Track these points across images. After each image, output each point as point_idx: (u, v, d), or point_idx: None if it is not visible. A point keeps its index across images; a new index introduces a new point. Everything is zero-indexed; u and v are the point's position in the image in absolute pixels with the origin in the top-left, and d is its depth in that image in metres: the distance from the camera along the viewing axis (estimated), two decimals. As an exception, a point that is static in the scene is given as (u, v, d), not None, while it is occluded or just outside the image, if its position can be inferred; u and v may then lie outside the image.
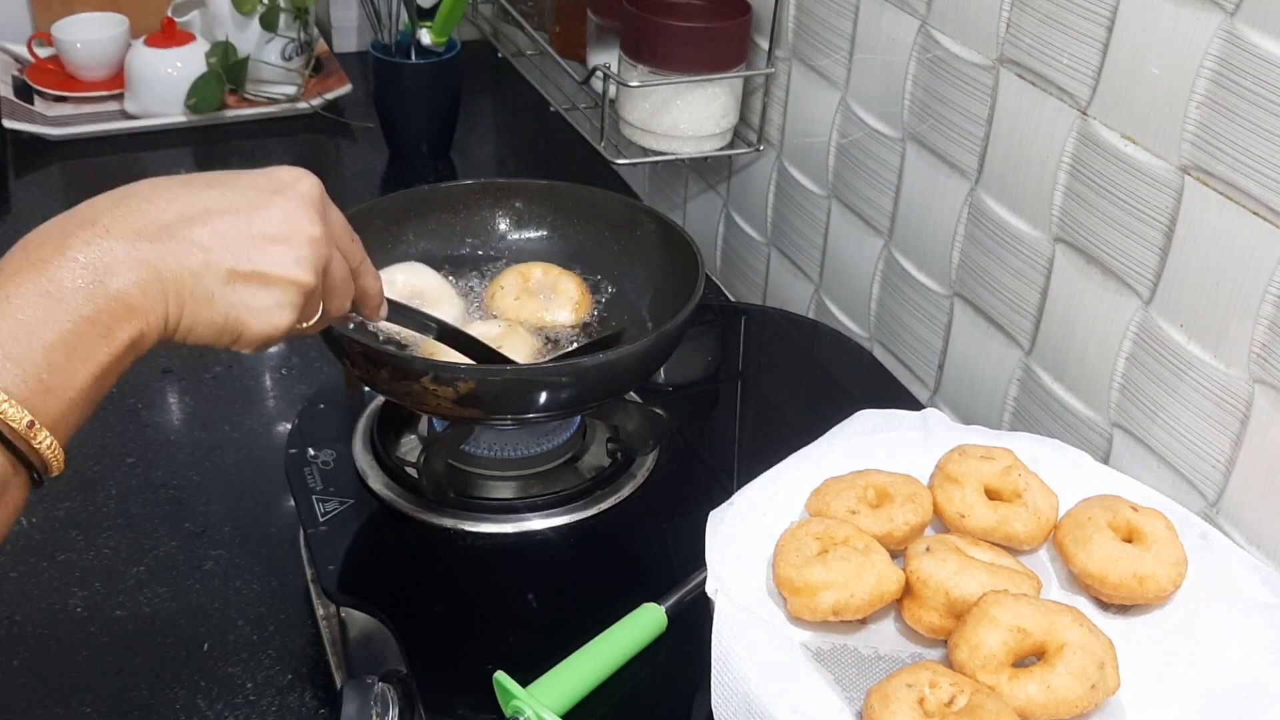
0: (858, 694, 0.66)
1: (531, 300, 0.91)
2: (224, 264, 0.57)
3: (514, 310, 0.91)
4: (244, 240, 0.58)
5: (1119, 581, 0.70)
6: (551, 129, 1.48)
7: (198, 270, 0.56)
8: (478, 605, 0.79)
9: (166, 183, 0.58)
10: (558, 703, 0.69)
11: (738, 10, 1.13)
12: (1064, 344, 0.88)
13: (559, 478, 0.89)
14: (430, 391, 0.76)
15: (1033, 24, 0.84)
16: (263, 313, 0.59)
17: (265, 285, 0.59)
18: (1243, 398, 0.74)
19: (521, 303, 0.91)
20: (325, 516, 0.84)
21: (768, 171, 1.20)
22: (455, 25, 1.45)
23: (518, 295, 0.92)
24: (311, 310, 0.63)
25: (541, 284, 0.93)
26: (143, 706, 0.82)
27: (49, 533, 0.95)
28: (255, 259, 0.58)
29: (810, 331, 1.12)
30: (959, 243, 0.96)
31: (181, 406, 1.11)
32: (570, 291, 0.92)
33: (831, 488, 0.76)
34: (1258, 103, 0.70)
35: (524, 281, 0.93)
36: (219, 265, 0.57)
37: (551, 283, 0.93)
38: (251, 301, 0.58)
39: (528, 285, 0.92)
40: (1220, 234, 0.74)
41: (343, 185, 1.50)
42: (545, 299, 0.92)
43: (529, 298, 0.92)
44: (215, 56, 1.53)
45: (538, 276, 0.93)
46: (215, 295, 0.57)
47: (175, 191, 0.58)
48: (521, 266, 0.94)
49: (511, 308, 0.91)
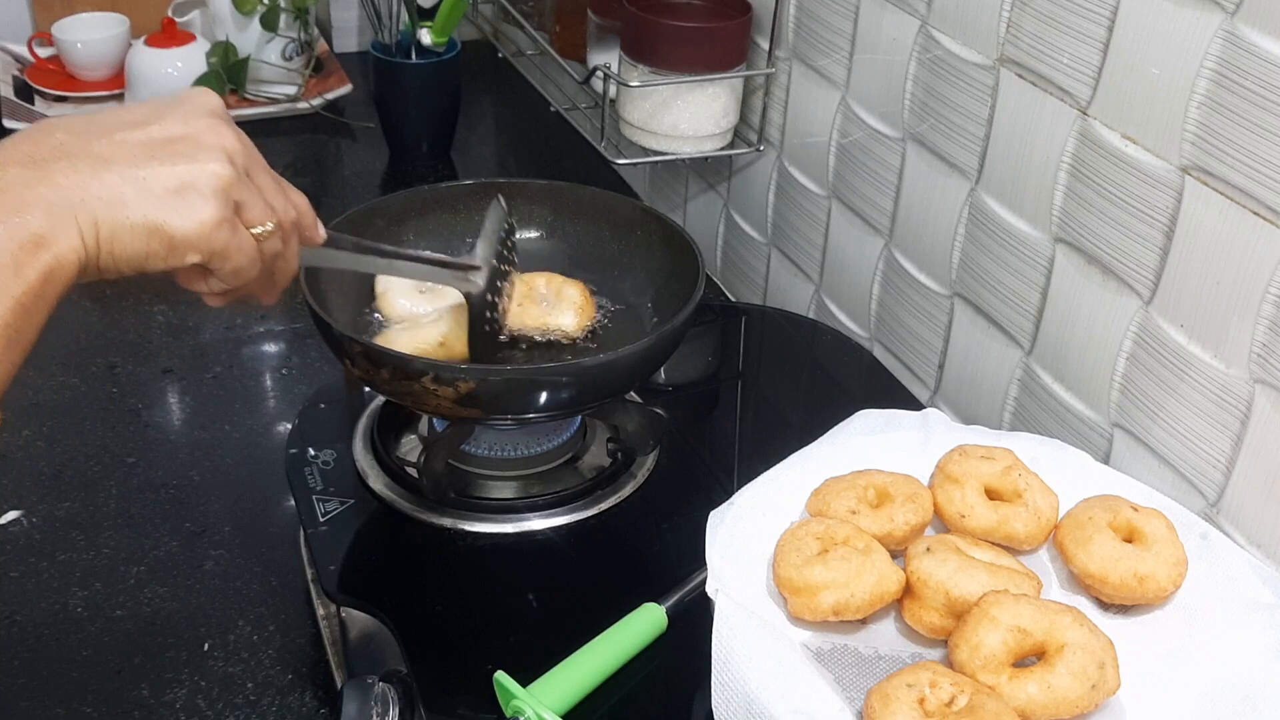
0: (858, 694, 0.66)
1: (534, 306, 0.91)
2: (129, 168, 0.55)
3: (515, 316, 0.90)
4: (145, 144, 0.56)
5: (1119, 581, 0.70)
6: (552, 129, 1.48)
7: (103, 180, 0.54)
8: (478, 605, 0.79)
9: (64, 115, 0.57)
10: (558, 703, 0.69)
11: (738, 10, 1.13)
12: (1064, 344, 0.88)
13: (559, 478, 0.89)
14: (430, 391, 0.76)
15: (1033, 24, 0.84)
16: (183, 208, 0.56)
17: (179, 179, 0.56)
18: (1243, 398, 0.74)
19: (524, 309, 0.90)
20: (325, 516, 0.84)
21: (768, 171, 1.20)
22: (455, 25, 1.45)
23: (520, 302, 0.91)
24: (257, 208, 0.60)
25: (545, 292, 0.92)
26: (143, 706, 0.82)
27: (49, 532, 0.95)
28: (160, 156, 0.56)
29: (810, 331, 1.12)
30: (959, 243, 0.96)
31: (182, 406, 1.11)
32: (574, 298, 0.92)
33: (831, 488, 0.76)
34: (1258, 103, 0.70)
35: (527, 289, 0.92)
36: (123, 170, 0.55)
37: (555, 290, 0.92)
38: (167, 198, 0.56)
39: (531, 293, 0.92)
40: (1220, 234, 0.74)
41: (343, 185, 1.50)
42: (548, 305, 0.91)
43: (531, 304, 0.91)
44: (215, 56, 1.53)
45: (541, 285, 0.93)
46: (127, 199, 0.55)
47: (70, 120, 0.56)
48: (526, 275, 0.94)
49: (514, 313, 0.90)
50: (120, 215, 0.55)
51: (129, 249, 0.55)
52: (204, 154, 0.57)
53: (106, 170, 0.55)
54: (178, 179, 0.56)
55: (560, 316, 0.91)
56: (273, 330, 1.21)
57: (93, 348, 1.17)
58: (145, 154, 0.56)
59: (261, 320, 1.22)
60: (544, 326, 0.90)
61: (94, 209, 0.54)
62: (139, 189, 0.55)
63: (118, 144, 0.56)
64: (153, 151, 0.56)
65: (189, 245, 0.57)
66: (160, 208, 0.56)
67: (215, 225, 0.57)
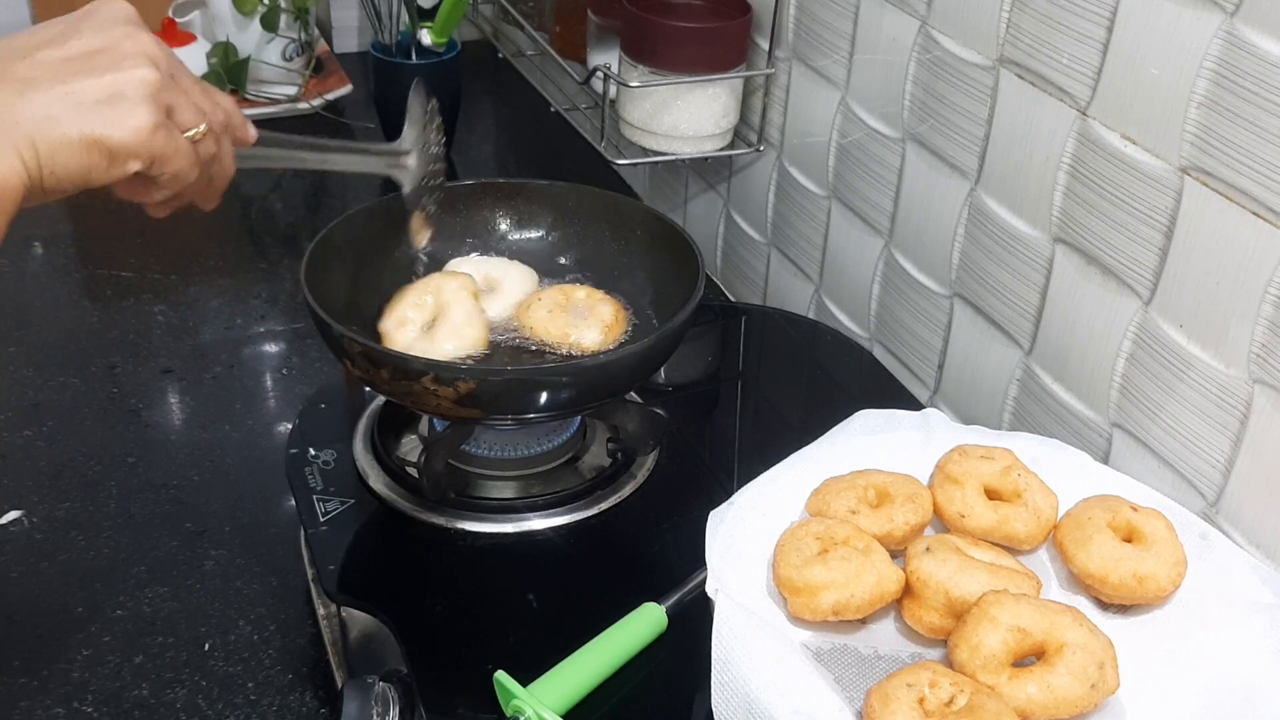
0: (858, 694, 0.66)
1: (563, 316, 0.90)
2: (54, 85, 0.55)
3: (542, 323, 0.89)
4: (67, 60, 0.57)
5: (1119, 581, 0.70)
6: (552, 129, 1.48)
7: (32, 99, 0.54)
8: (478, 605, 0.79)
9: None
10: (558, 703, 0.69)
11: (738, 10, 1.13)
12: (1064, 344, 0.88)
13: (559, 478, 0.89)
14: (430, 391, 0.76)
15: (1033, 24, 0.84)
16: (115, 118, 0.56)
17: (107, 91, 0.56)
18: (1242, 398, 0.74)
19: (552, 316, 0.89)
20: (326, 516, 0.84)
21: (768, 172, 1.20)
22: (455, 25, 1.45)
23: (550, 309, 0.90)
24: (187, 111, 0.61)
25: (580, 305, 0.91)
26: (143, 706, 0.82)
27: (49, 533, 0.95)
28: (83, 70, 0.56)
29: (810, 331, 1.12)
30: (959, 243, 0.96)
31: (182, 406, 1.11)
32: (604, 315, 0.90)
33: (831, 488, 0.76)
34: (1258, 103, 0.70)
35: (564, 299, 0.91)
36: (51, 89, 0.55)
37: (591, 305, 0.91)
38: (99, 110, 0.56)
39: (565, 303, 0.91)
40: (1220, 234, 0.74)
41: (343, 185, 1.50)
42: (577, 318, 0.90)
43: (561, 313, 0.90)
44: (216, 57, 1.53)
45: (580, 297, 0.91)
46: (59, 117, 0.55)
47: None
48: (566, 286, 0.93)
49: (541, 320, 0.89)
50: (56, 133, 0.55)
51: (70, 165, 0.56)
52: (128, 62, 0.58)
53: (33, 90, 0.55)
54: (107, 89, 0.56)
55: (584, 332, 0.89)
56: (273, 330, 1.21)
57: (93, 348, 1.17)
58: (69, 70, 0.56)
59: (261, 320, 1.23)
60: (564, 340, 0.89)
61: (28, 130, 0.54)
62: (70, 104, 0.55)
63: (39, 63, 0.56)
64: (76, 66, 0.56)
65: (128, 153, 0.57)
66: (95, 120, 0.56)
67: (151, 130, 0.58)
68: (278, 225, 1.42)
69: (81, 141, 0.56)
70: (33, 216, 1.32)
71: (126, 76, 0.57)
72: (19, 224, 0.57)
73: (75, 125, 0.55)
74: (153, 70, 0.58)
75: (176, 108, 0.60)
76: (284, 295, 1.26)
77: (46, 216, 1.33)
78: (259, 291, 1.27)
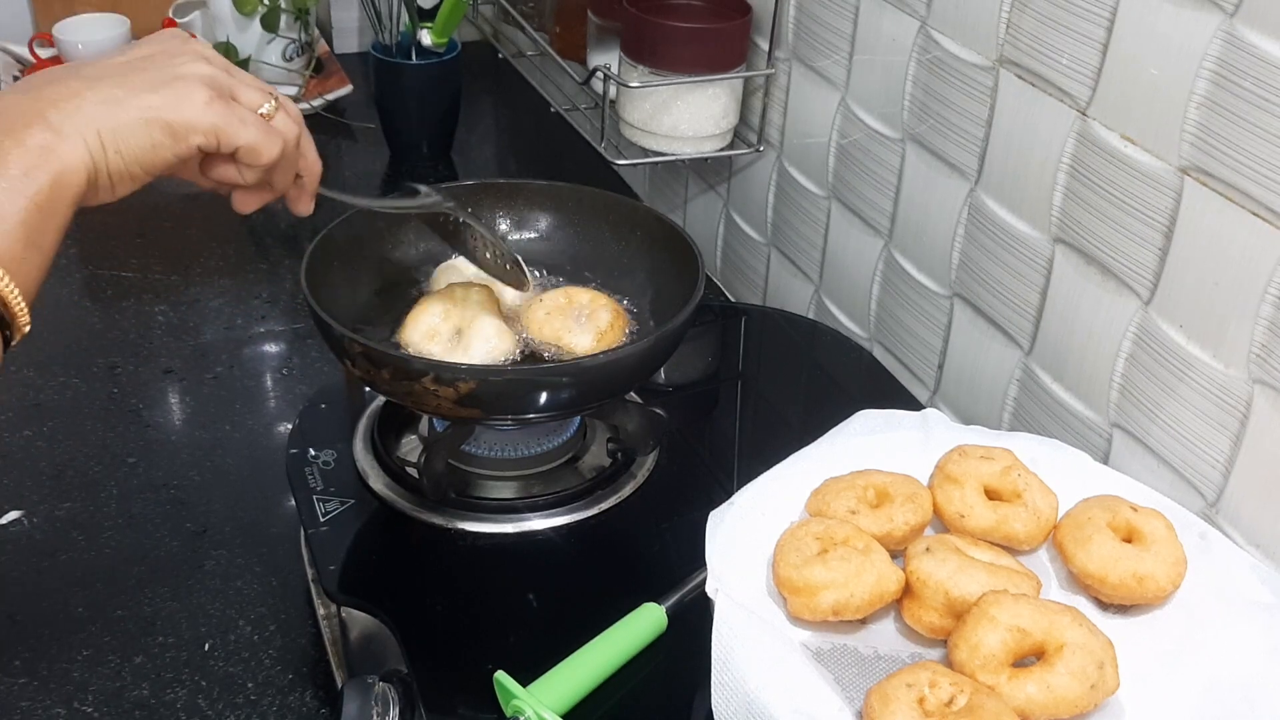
0: (858, 694, 0.66)
1: (560, 318, 0.89)
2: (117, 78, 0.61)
3: (538, 324, 0.89)
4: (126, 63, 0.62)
5: (1118, 581, 0.70)
6: (552, 130, 1.48)
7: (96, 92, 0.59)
8: (478, 605, 0.79)
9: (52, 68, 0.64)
10: (558, 703, 0.69)
11: (738, 11, 1.13)
12: (1064, 344, 0.88)
13: (559, 478, 0.89)
14: (431, 392, 0.76)
15: (1032, 25, 0.84)
16: (176, 96, 0.61)
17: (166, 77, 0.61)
18: (1242, 398, 0.75)
19: (550, 318, 0.89)
20: (326, 516, 0.84)
21: (768, 172, 1.20)
22: (456, 26, 1.45)
23: (549, 311, 0.90)
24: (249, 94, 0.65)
25: (581, 309, 0.91)
26: (143, 706, 0.82)
27: (50, 532, 0.95)
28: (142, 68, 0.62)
29: (810, 332, 1.12)
30: (959, 243, 0.96)
31: (182, 407, 1.11)
32: (600, 322, 0.89)
33: (831, 488, 0.76)
34: (1257, 104, 0.70)
35: (566, 301, 0.91)
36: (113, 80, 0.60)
37: (592, 310, 0.90)
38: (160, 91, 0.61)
39: (567, 305, 0.90)
40: (1220, 235, 0.74)
41: (343, 186, 1.49)
42: (574, 322, 0.89)
43: (559, 316, 0.90)
44: (216, 57, 1.53)
45: (583, 301, 0.91)
46: (121, 100, 0.60)
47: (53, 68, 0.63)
48: (572, 289, 0.92)
49: (538, 320, 0.89)
50: (117, 113, 0.59)
51: (133, 143, 0.60)
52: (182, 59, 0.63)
53: (97, 83, 0.60)
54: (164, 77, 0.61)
55: (577, 337, 0.88)
56: (273, 330, 1.21)
57: (93, 348, 1.17)
58: (130, 68, 0.61)
59: (262, 320, 1.23)
60: (556, 342, 0.88)
61: (91, 114, 0.59)
62: (129, 89, 0.60)
63: (102, 66, 0.62)
64: (136, 65, 0.62)
65: (189, 127, 0.61)
66: (153, 99, 0.60)
67: (207, 103, 0.62)
68: (278, 225, 1.42)
69: (142, 119, 0.60)
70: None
71: (182, 66, 0.62)
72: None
73: (135, 105, 0.60)
74: (205, 65, 0.63)
75: (236, 90, 0.64)
76: (284, 295, 1.26)
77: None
78: (259, 292, 1.27)
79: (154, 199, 1.37)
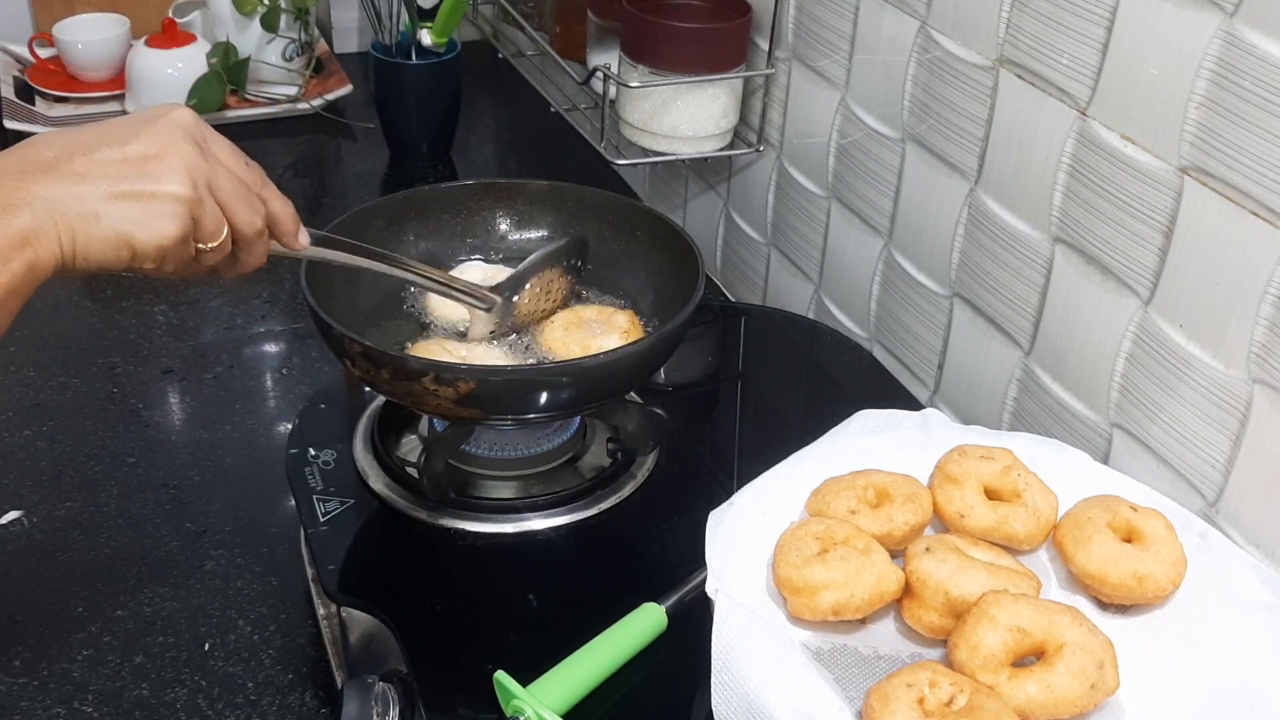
0: (858, 694, 0.66)
1: (578, 331, 0.90)
2: (103, 185, 0.63)
3: (561, 340, 0.89)
4: (119, 163, 0.64)
5: (1118, 581, 0.70)
6: (552, 129, 1.48)
7: (80, 194, 0.62)
8: (478, 605, 0.79)
9: (54, 131, 0.66)
10: (558, 703, 0.69)
11: (738, 10, 1.13)
12: (1063, 344, 0.88)
13: (559, 478, 0.89)
14: (430, 392, 0.76)
15: (1032, 24, 0.84)
16: (147, 224, 0.64)
17: (145, 200, 0.64)
18: (1242, 398, 0.75)
19: (569, 333, 0.90)
20: (326, 516, 0.84)
21: (768, 172, 1.20)
22: (456, 26, 1.45)
23: (565, 328, 0.90)
24: (211, 226, 0.67)
25: (593, 319, 0.91)
26: (143, 706, 0.82)
27: (50, 532, 0.95)
28: (131, 177, 0.63)
29: (810, 331, 1.12)
30: (959, 243, 0.96)
31: (182, 407, 1.11)
32: (621, 323, 0.90)
33: (831, 488, 0.76)
34: (1257, 103, 0.70)
35: (576, 319, 0.91)
36: (98, 187, 0.63)
37: (605, 319, 0.91)
38: (135, 215, 0.63)
39: (577, 321, 0.91)
40: (1219, 234, 0.74)
41: (343, 185, 1.50)
42: (594, 330, 0.90)
43: (577, 330, 0.90)
44: (216, 57, 1.53)
45: (590, 316, 0.91)
46: (100, 214, 0.62)
47: (58, 136, 0.64)
48: (576, 308, 0.93)
49: (559, 339, 0.90)
50: (93, 228, 0.62)
51: (98, 255, 0.63)
52: (169, 176, 0.65)
53: (83, 185, 0.63)
54: (144, 200, 0.64)
55: (602, 340, 0.88)
56: (273, 330, 1.21)
57: (93, 348, 1.17)
58: (118, 173, 0.63)
59: (262, 320, 1.23)
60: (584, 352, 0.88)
61: (71, 220, 0.62)
62: (110, 206, 0.63)
63: (96, 162, 0.63)
64: (125, 171, 0.63)
65: (147, 257, 0.65)
66: (127, 224, 0.63)
67: (175, 241, 0.65)
68: (278, 225, 1.41)
69: (113, 240, 0.63)
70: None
71: (165, 191, 0.64)
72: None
73: (110, 225, 0.63)
74: (188, 188, 0.65)
75: (200, 222, 0.66)
76: (284, 295, 1.26)
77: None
78: (259, 291, 1.27)
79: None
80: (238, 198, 0.68)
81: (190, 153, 0.66)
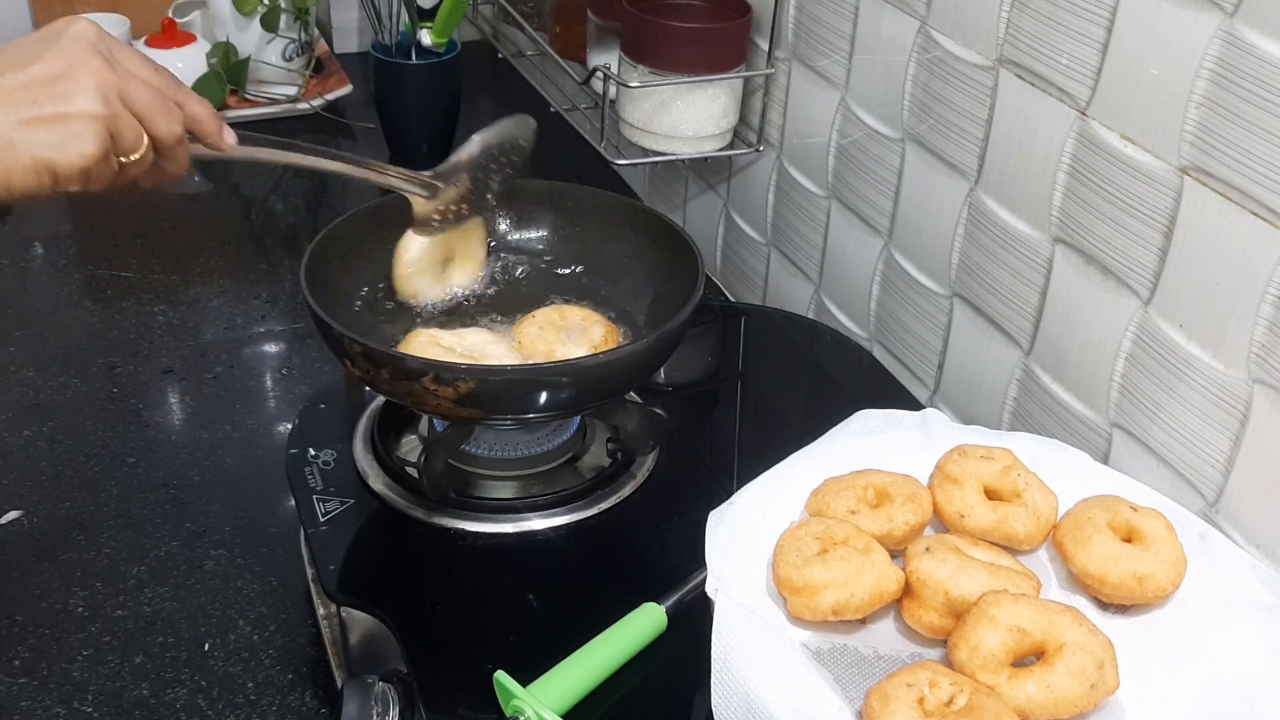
0: (858, 694, 0.66)
1: (553, 333, 0.89)
2: (12, 113, 0.62)
3: (530, 339, 0.89)
4: (26, 86, 0.63)
5: (1118, 581, 0.70)
6: (552, 129, 1.48)
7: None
8: (478, 605, 0.79)
9: None
10: (558, 703, 0.69)
11: (738, 10, 1.13)
12: (1063, 344, 0.88)
13: (559, 478, 0.89)
14: (430, 392, 0.76)
15: (1032, 24, 0.84)
16: (65, 147, 0.63)
17: (59, 122, 0.63)
18: (1242, 398, 0.75)
19: (544, 333, 0.89)
20: (326, 516, 0.84)
21: (768, 172, 1.20)
22: (455, 26, 1.45)
23: (542, 326, 0.90)
24: (130, 138, 0.66)
25: (574, 324, 0.91)
26: (143, 706, 0.82)
27: (50, 532, 0.95)
28: (40, 100, 0.63)
29: (810, 331, 1.12)
30: (958, 243, 0.96)
31: (182, 406, 1.11)
32: (594, 336, 0.89)
33: (831, 488, 0.76)
34: (1257, 103, 0.70)
35: (558, 318, 0.91)
36: (8, 115, 0.62)
37: (585, 326, 0.90)
38: (51, 139, 0.63)
39: (559, 322, 0.90)
40: (1219, 234, 0.74)
41: (343, 186, 1.50)
42: (567, 336, 0.89)
43: (552, 331, 0.89)
44: (216, 57, 1.53)
45: (575, 319, 0.91)
46: (15, 142, 0.62)
47: None
48: (564, 306, 0.92)
49: (530, 335, 0.89)
50: (10, 157, 0.62)
51: (20, 184, 0.63)
52: (80, 94, 0.63)
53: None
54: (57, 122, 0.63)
55: (570, 350, 0.88)
56: (273, 330, 1.21)
57: (93, 348, 1.17)
58: (27, 98, 0.62)
59: (262, 320, 1.23)
60: (549, 357, 0.87)
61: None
62: (23, 133, 0.62)
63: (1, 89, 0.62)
64: (34, 95, 0.63)
65: (70, 180, 0.64)
66: (45, 149, 0.62)
67: (95, 161, 0.64)
68: (278, 225, 1.42)
69: (33, 164, 0.62)
70: (33, 217, 1.33)
71: (77, 110, 0.63)
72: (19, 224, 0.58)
73: (28, 151, 0.62)
74: (100, 104, 0.64)
75: (119, 135, 0.65)
76: (284, 295, 1.26)
77: (47, 216, 1.33)
78: (259, 292, 1.27)
79: (154, 199, 1.37)
80: (153, 106, 0.67)
81: (99, 66, 0.64)
